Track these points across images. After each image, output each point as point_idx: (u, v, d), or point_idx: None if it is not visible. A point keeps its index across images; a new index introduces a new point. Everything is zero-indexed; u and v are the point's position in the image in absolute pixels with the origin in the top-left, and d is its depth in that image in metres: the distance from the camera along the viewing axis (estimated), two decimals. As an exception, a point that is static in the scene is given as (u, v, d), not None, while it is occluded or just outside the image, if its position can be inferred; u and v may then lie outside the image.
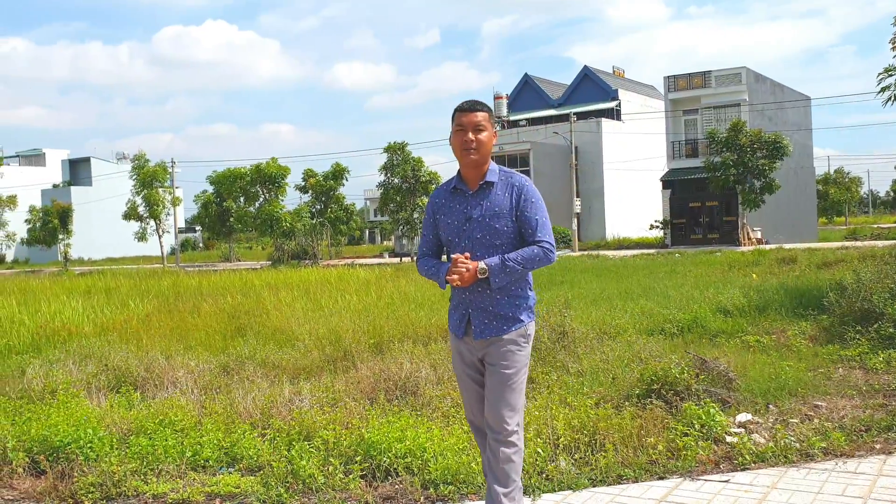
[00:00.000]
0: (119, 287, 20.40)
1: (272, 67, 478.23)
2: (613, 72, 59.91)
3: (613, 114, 51.95)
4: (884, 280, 9.13)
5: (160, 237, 50.68)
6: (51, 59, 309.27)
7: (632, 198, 47.95)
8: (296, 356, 8.40)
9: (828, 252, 21.33)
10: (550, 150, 46.77)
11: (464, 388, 3.76)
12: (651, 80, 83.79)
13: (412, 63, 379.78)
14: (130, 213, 50.27)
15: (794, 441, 5.04)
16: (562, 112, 52.60)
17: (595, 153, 47.80)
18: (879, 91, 13.81)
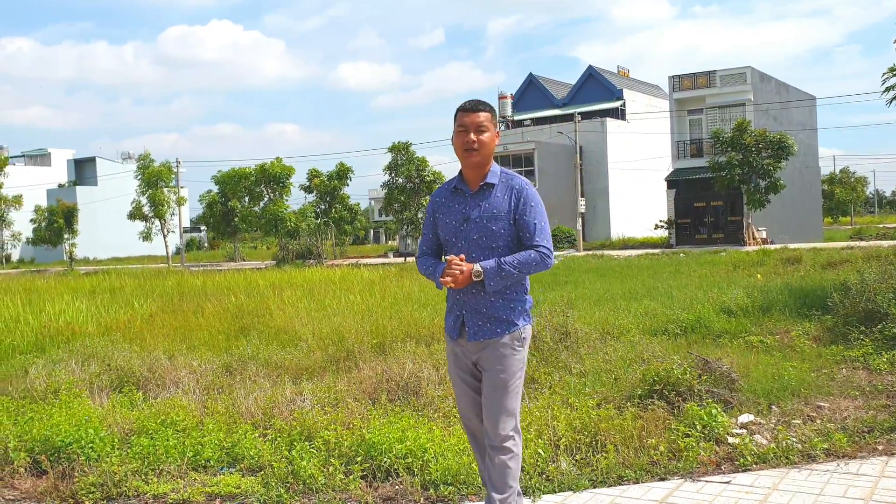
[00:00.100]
0: (123, 287, 20.46)
1: (277, 67, 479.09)
2: (618, 71, 59.90)
3: (618, 113, 51.92)
4: (888, 280, 9.09)
5: (165, 237, 50.87)
6: (56, 59, 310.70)
7: (636, 198, 47.90)
8: (298, 356, 8.39)
9: (833, 252, 21.25)
10: (555, 150, 46.76)
11: (459, 394, 3.73)
12: (656, 80, 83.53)
13: (417, 63, 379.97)
14: (135, 213, 50.50)
15: (796, 442, 5.02)
16: (566, 112, 52.61)
17: (600, 153, 47.79)
18: (884, 90, 13.78)
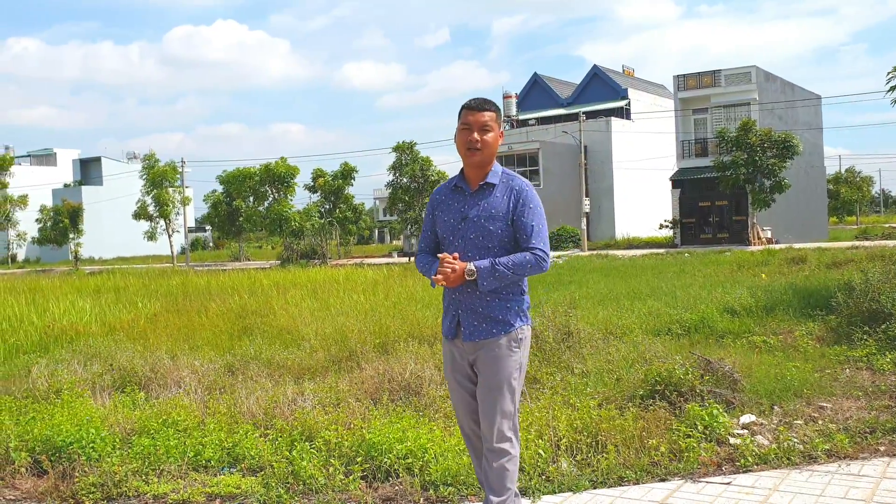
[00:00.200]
0: (128, 286, 20.50)
1: (282, 67, 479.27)
2: (623, 71, 59.81)
3: (623, 113, 51.83)
4: (892, 280, 9.05)
5: (170, 237, 50.95)
6: (62, 59, 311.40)
7: (641, 197, 47.79)
8: (301, 356, 8.39)
9: (838, 252, 21.18)
10: (560, 150, 46.70)
11: (455, 397, 3.70)
12: (661, 80, 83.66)
13: (422, 62, 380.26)
14: (141, 213, 50.61)
15: (798, 443, 5.00)
16: (571, 111, 52.54)
17: (604, 152, 47.69)
18: (889, 90, 13.70)
